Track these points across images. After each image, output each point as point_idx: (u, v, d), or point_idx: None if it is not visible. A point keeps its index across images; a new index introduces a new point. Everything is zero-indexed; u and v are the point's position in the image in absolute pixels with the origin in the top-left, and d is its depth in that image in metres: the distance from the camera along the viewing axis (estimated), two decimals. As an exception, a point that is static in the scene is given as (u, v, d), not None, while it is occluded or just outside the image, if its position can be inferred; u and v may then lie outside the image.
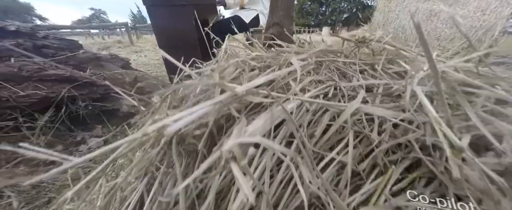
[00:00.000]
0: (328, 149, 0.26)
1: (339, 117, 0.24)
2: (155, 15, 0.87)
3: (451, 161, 0.17)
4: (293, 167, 0.21)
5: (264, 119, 0.18)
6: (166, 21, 0.89)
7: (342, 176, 0.23)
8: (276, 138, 0.25)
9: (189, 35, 0.92)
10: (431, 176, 0.25)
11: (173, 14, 0.88)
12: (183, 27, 0.91)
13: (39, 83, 0.59)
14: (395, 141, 0.24)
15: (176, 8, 0.87)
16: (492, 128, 0.22)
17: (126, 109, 0.74)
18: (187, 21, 0.91)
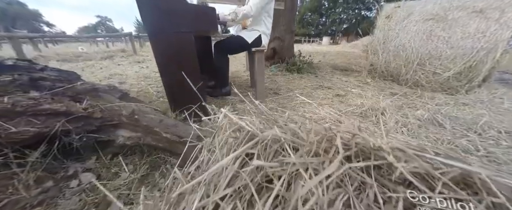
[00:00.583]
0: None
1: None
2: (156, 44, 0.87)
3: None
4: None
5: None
6: (167, 47, 0.89)
7: None
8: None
9: (189, 55, 0.92)
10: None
11: (174, 41, 0.87)
12: (184, 52, 0.91)
13: (32, 117, 0.58)
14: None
15: (177, 34, 0.87)
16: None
17: (122, 141, 0.71)
18: (188, 46, 0.91)
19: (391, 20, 2.20)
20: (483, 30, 1.64)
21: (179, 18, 0.83)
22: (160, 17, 0.82)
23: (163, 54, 0.90)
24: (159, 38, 0.86)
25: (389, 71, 2.26)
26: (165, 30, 0.85)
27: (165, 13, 0.81)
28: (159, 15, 0.81)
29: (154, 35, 0.85)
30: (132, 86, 2.05)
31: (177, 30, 0.85)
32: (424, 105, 1.52)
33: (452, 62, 1.78)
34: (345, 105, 1.38)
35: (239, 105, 1.35)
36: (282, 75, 2.71)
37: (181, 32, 0.86)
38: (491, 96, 1.58)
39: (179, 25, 0.84)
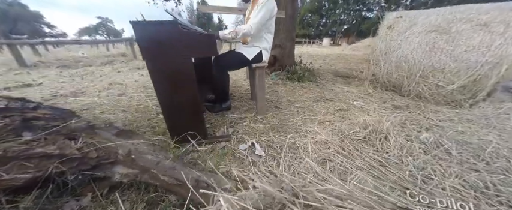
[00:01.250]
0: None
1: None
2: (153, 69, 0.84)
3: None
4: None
5: None
6: (164, 72, 0.87)
7: None
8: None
9: (187, 81, 0.90)
10: None
11: (172, 67, 0.85)
12: (182, 77, 0.89)
13: (25, 161, 0.56)
14: None
15: (175, 60, 0.85)
16: None
17: (118, 178, 0.69)
18: (186, 71, 0.89)
19: (393, 30, 2.17)
20: (488, 44, 1.61)
21: (177, 44, 0.81)
22: (157, 44, 0.79)
23: (161, 80, 0.88)
24: (156, 64, 0.84)
25: (391, 81, 2.23)
26: (162, 57, 0.82)
27: (162, 40, 0.79)
28: (156, 42, 0.79)
29: (151, 61, 0.83)
30: (132, 97, 2.03)
31: (175, 56, 0.83)
32: (427, 120, 1.50)
33: (456, 75, 1.75)
34: (348, 123, 1.36)
35: (239, 125, 1.33)
36: (283, 84, 2.68)
37: (180, 58, 0.84)
38: (497, 112, 1.55)
39: (177, 51, 0.82)
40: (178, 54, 0.82)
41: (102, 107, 1.76)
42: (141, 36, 0.76)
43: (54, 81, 2.92)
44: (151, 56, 0.81)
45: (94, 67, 4.38)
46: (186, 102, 0.94)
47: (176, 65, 0.85)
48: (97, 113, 1.58)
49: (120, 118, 1.47)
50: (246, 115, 1.51)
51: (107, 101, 1.92)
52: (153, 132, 1.20)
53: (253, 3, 1.38)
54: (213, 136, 1.12)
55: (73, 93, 2.23)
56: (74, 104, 1.85)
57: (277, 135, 1.15)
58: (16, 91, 2.41)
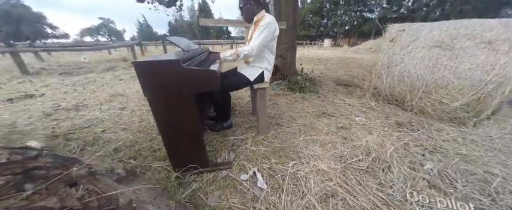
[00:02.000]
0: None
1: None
2: (155, 105, 0.84)
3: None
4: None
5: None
6: (166, 108, 0.86)
7: None
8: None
9: (189, 116, 0.89)
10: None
11: (174, 103, 0.85)
12: (184, 112, 0.88)
13: (26, 214, 0.55)
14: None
15: (177, 97, 0.84)
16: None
17: (119, 223, 0.68)
18: (188, 107, 0.88)
19: (396, 44, 2.16)
20: (492, 63, 1.59)
21: (179, 82, 0.80)
22: (159, 82, 0.79)
23: (162, 115, 0.87)
24: (158, 99, 0.83)
25: (393, 95, 2.22)
26: (164, 94, 0.82)
27: (164, 79, 0.78)
28: (158, 80, 0.79)
29: (152, 97, 0.83)
30: (133, 112, 2.03)
31: (177, 93, 0.83)
32: (430, 140, 1.48)
33: (460, 93, 1.73)
34: (350, 146, 1.34)
35: (241, 148, 1.32)
36: (284, 95, 2.67)
37: (182, 94, 0.84)
38: (501, 133, 1.53)
39: (179, 88, 0.82)
40: (180, 91, 0.82)
41: (103, 123, 1.76)
42: (143, 75, 0.76)
43: (57, 91, 2.93)
44: (153, 93, 0.81)
45: (95, 74, 4.39)
46: (187, 133, 0.94)
47: (178, 100, 0.84)
48: (99, 132, 1.59)
49: (121, 138, 1.47)
50: (247, 135, 1.50)
51: (108, 116, 1.92)
52: (154, 157, 1.20)
53: (255, 23, 1.37)
54: (214, 163, 1.11)
55: (75, 106, 2.24)
56: (76, 120, 1.86)
57: (279, 162, 1.15)
58: (19, 103, 2.42)
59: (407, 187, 0.90)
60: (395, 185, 0.92)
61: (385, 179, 0.97)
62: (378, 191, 0.89)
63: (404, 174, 0.99)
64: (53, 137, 1.46)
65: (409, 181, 0.94)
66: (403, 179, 0.96)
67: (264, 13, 1.33)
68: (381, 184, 0.94)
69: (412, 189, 0.89)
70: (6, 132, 1.60)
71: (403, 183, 0.93)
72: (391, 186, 0.92)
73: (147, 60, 0.74)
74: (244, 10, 1.31)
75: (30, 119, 1.91)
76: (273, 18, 1.25)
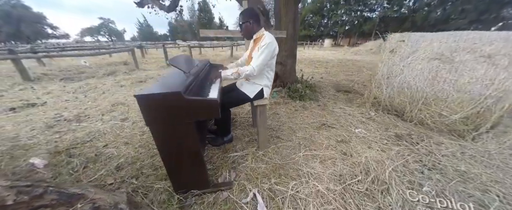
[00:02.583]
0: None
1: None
2: (157, 133, 0.85)
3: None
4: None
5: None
6: (167, 136, 0.88)
7: None
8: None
9: (190, 142, 0.91)
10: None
11: (175, 132, 0.86)
12: (185, 139, 0.89)
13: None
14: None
15: (179, 125, 0.85)
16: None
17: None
18: (189, 134, 0.89)
19: (396, 54, 2.16)
20: (491, 77, 1.59)
21: (180, 111, 0.82)
22: (161, 113, 0.80)
23: (164, 142, 0.89)
24: (159, 128, 0.85)
25: (393, 105, 2.22)
26: (165, 122, 0.83)
27: (166, 109, 0.80)
28: (159, 111, 0.80)
29: (154, 126, 0.84)
30: (134, 124, 2.05)
31: (178, 121, 0.84)
32: (429, 155, 1.49)
33: (459, 106, 1.73)
34: (349, 164, 1.35)
35: (242, 166, 1.33)
36: (284, 104, 2.68)
37: (183, 121, 0.85)
38: (500, 148, 1.53)
39: (180, 117, 0.83)
40: (181, 119, 0.83)
41: (105, 137, 1.78)
42: (145, 107, 0.77)
43: (58, 99, 2.95)
44: (154, 123, 0.82)
45: (96, 79, 4.41)
46: (188, 157, 0.95)
47: (179, 127, 0.86)
48: (101, 147, 1.60)
49: (123, 154, 1.49)
50: (247, 151, 1.51)
51: (109, 128, 1.94)
52: (155, 177, 1.21)
53: (255, 41, 1.38)
54: (215, 184, 1.13)
55: (77, 117, 2.25)
56: (78, 132, 1.87)
57: (279, 182, 1.16)
58: (21, 113, 2.44)
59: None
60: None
61: (384, 203, 0.98)
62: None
63: (402, 197, 1.00)
64: (56, 153, 1.48)
65: (407, 206, 0.96)
66: (402, 202, 0.97)
67: (263, 31, 1.34)
68: (379, 208, 0.95)
69: None
70: (9, 147, 1.62)
71: (402, 208, 0.94)
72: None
73: (149, 92, 0.75)
74: (244, 28, 1.32)
75: (32, 131, 1.93)
76: (272, 38, 1.26)
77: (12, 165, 1.33)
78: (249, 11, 1.30)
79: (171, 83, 0.95)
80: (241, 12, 1.30)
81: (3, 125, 2.07)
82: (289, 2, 2.56)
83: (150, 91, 0.76)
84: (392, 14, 26.85)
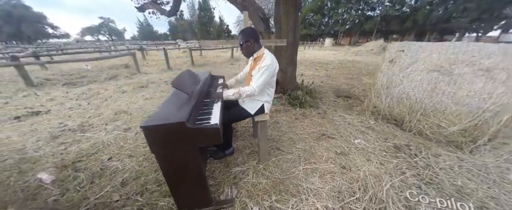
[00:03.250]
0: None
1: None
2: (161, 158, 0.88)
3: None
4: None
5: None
6: (171, 160, 0.91)
7: None
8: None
9: (194, 166, 0.94)
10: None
11: (179, 157, 0.89)
12: (189, 164, 0.93)
13: None
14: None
15: (182, 151, 0.88)
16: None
17: None
18: (193, 159, 0.93)
19: (395, 64, 2.18)
20: (489, 91, 1.61)
21: (184, 139, 0.85)
22: (165, 141, 0.83)
23: (168, 165, 0.92)
24: (164, 154, 0.88)
25: (392, 115, 2.25)
26: (169, 149, 0.87)
27: (169, 138, 0.83)
28: (164, 140, 0.83)
29: (159, 153, 0.87)
30: (137, 134, 2.08)
31: (181, 147, 0.87)
32: (427, 169, 1.52)
33: (457, 118, 1.76)
34: (348, 179, 1.39)
35: (243, 182, 1.37)
36: (285, 112, 2.71)
37: (186, 148, 0.88)
38: (497, 161, 1.56)
39: (184, 144, 0.86)
40: (185, 146, 0.87)
41: (109, 148, 1.82)
42: (150, 137, 0.80)
43: (62, 106, 3.00)
44: (159, 150, 0.85)
45: (98, 84, 4.45)
46: (191, 178, 0.99)
47: (183, 153, 0.89)
48: (105, 160, 1.64)
49: (127, 168, 1.53)
50: (248, 165, 1.55)
51: (113, 139, 1.98)
52: (159, 193, 1.25)
53: (255, 60, 1.40)
54: (217, 201, 1.16)
55: (80, 126, 2.30)
56: (83, 143, 1.91)
57: (279, 200, 1.19)
58: (26, 121, 2.48)
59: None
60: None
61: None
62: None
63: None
64: (62, 168, 1.52)
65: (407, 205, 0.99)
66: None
67: (263, 50, 1.36)
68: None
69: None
70: (17, 160, 1.66)
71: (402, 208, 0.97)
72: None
73: (154, 123, 0.78)
74: (245, 47, 1.35)
75: (38, 141, 1.97)
76: (272, 59, 1.28)
77: (20, 181, 1.37)
78: (249, 31, 1.32)
79: (174, 109, 0.98)
80: (242, 32, 1.32)
81: (10, 135, 2.12)
82: (290, 11, 2.57)
83: (155, 122, 0.79)
84: (393, 12, 26.66)
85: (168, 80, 4.74)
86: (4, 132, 2.19)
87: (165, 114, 0.90)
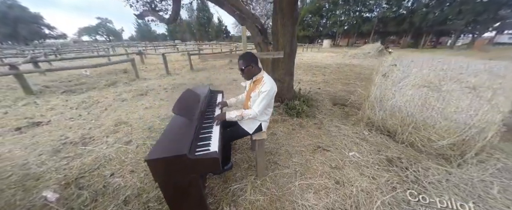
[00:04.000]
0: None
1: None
2: (164, 185, 0.94)
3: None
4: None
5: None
6: (173, 187, 0.96)
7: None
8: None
9: (195, 193, 0.99)
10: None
11: (181, 183, 0.95)
12: (190, 190, 0.98)
13: None
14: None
15: (184, 178, 0.94)
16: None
17: None
18: (194, 186, 0.99)
19: (388, 79, 2.26)
20: (476, 108, 1.70)
21: (186, 169, 0.91)
22: (168, 171, 0.89)
23: (170, 192, 0.98)
24: (167, 181, 0.94)
25: (386, 127, 2.33)
26: (172, 178, 0.93)
27: (172, 168, 0.89)
28: (167, 170, 0.89)
29: (162, 181, 0.93)
30: (138, 147, 2.14)
31: (183, 176, 0.93)
32: (417, 182, 1.60)
33: (446, 133, 1.84)
34: (341, 195, 1.46)
35: (241, 199, 1.43)
36: (282, 122, 2.78)
37: (188, 176, 0.94)
38: (482, 176, 1.64)
39: (186, 173, 0.92)
40: (187, 174, 0.93)
41: (111, 163, 1.87)
42: (155, 168, 0.86)
43: (62, 116, 3.03)
44: (163, 179, 0.91)
45: (98, 91, 4.48)
46: (192, 202, 1.05)
47: (185, 180, 0.95)
48: (107, 176, 1.69)
49: (129, 185, 1.58)
50: (246, 180, 1.61)
51: (115, 153, 2.03)
52: (161, 212, 1.31)
53: (254, 83, 1.47)
54: (216, 220, 1.22)
55: (82, 139, 2.34)
56: (85, 158, 1.96)
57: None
58: (27, 133, 2.52)
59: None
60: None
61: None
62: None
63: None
64: (66, 185, 1.57)
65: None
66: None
67: (262, 74, 1.43)
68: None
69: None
70: (21, 176, 1.70)
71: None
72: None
73: (158, 157, 0.84)
74: (246, 72, 1.41)
75: (40, 155, 2.01)
76: (271, 84, 1.35)
77: (26, 199, 1.42)
78: (249, 57, 1.38)
79: (176, 137, 1.03)
80: (242, 58, 1.38)
81: (12, 148, 2.15)
82: (287, 24, 2.64)
83: (158, 155, 0.85)
84: (390, 14, 26.93)
85: (167, 87, 4.79)
86: (6, 145, 2.22)
87: (167, 144, 0.96)
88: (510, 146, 2.10)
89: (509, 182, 1.60)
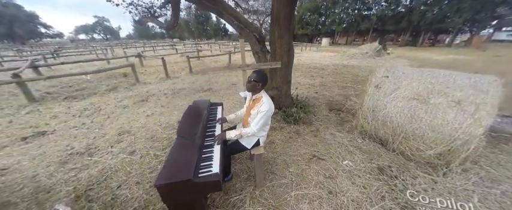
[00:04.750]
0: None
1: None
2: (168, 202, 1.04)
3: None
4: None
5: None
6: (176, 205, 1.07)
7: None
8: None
9: (198, 201, 1.10)
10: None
11: (183, 202, 1.06)
12: (192, 202, 1.09)
13: None
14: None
15: (187, 198, 1.05)
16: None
17: None
18: (197, 204, 1.09)
19: (380, 90, 2.36)
20: (460, 122, 1.81)
21: (190, 191, 1.01)
22: (175, 194, 1.00)
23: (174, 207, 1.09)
24: (174, 202, 1.04)
25: (378, 135, 2.44)
26: (179, 199, 1.03)
27: (179, 191, 0.99)
28: (174, 193, 0.99)
29: (170, 202, 1.04)
30: (142, 158, 2.24)
31: (189, 197, 1.04)
32: (404, 192, 1.72)
33: (434, 143, 1.95)
34: (334, 204, 1.58)
35: (241, 209, 1.54)
36: (279, 129, 2.88)
37: (192, 197, 1.05)
38: (465, 184, 1.76)
39: (190, 195, 1.03)
40: (192, 195, 1.03)
41: (117, 175, 1.97)
42: (163, 192, 0.97)
43: (66, 125, 3.12)
44: (170, 201, 1.02)
45: (99, 96, 4.55)
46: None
47: (190, 200, 1.06)
48: (115, 188, 1.79)
49: (136, 196, 1.68)
50: (246, 191, 1.72)
51: (120, 164, 2.13)
52: (167, 223, 1.42)
53: (254, 101, 1.57)
54: (218, 232, 1.34)
55: (87, 149, 2.43)
56: (92, 169, 2.06)
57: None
58: (33, 143, 2.60)
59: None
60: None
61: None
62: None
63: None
64: (76, 198, 1.67)
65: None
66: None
67: (261, 94, 1.53)
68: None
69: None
70: (32, 188, 1.80)
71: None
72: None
73: (166, 182, 0.94)
74: (252, 85, 1.50)
75: (49, 167, 2.11)
76: (269, 104, 1.45)
77: (40, 213, 1.52)
78: (264, 77, 1.48)
79: (182, 158, 1.14)
80: (258, 73, 1.47)
81: (20, 159, 2.25)
82: (284, 35, 2.72)
83: (167, 180, 0.95)
84: (389, 12, 26.89)
85: (168, 92, 4.86)
86: (14, 156, 2.32)
87: (174, 168, 1.06)
88: (496, 152, 2.23)
89: (490, 190, 1.72)
